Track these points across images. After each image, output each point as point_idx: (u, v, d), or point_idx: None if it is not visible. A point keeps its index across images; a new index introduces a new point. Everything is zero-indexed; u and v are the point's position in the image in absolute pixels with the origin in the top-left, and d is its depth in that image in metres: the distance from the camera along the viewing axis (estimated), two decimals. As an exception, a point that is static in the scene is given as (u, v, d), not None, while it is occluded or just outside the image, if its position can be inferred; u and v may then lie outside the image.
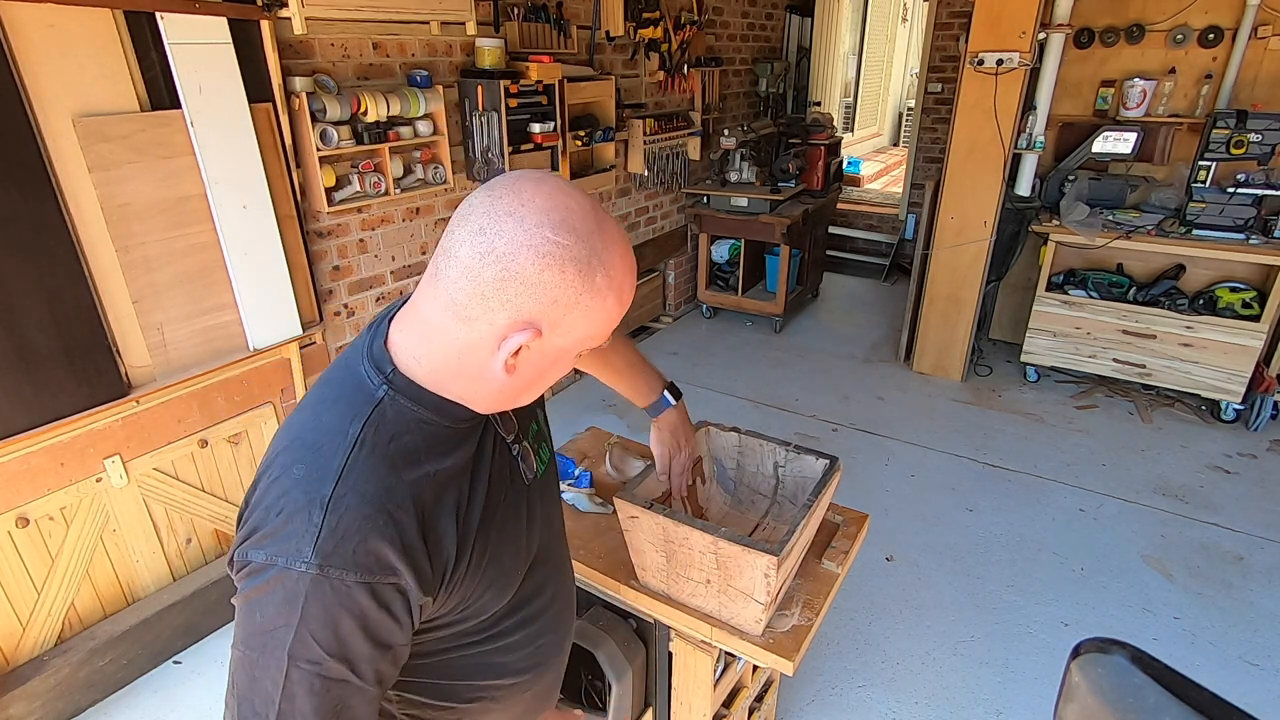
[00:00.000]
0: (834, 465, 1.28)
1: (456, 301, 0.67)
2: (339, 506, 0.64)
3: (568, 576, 1.01)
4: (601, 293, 0.68)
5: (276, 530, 0.65)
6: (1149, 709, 0.40)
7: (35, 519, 1.92)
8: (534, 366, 0.72)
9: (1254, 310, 3.36)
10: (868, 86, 9.30)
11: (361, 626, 0.66)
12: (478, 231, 0.65)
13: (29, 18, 1.70)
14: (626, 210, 4.23)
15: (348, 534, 0.64)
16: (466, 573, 0.74)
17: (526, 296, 0.65)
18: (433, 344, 0.71)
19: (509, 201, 0.65)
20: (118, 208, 1.93)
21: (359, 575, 0.64)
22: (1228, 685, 2.09)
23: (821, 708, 2.05)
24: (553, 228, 0.64)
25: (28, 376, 1.82)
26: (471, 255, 0.65)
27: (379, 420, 0.69)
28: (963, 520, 2.83)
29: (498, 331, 0.67)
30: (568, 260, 0.65)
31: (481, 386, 0.72)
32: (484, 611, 0.80)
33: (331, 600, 0.64)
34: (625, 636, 1.42)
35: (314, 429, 0.70)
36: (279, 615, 0.64)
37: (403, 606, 0.68)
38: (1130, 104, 3.70)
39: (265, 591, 0.64)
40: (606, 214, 0.70)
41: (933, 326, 3.97)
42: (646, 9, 3.79)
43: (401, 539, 0.66)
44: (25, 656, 1.97)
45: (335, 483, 0.65)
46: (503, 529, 0.80)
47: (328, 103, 2.30)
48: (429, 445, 0.72)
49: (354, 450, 0.67)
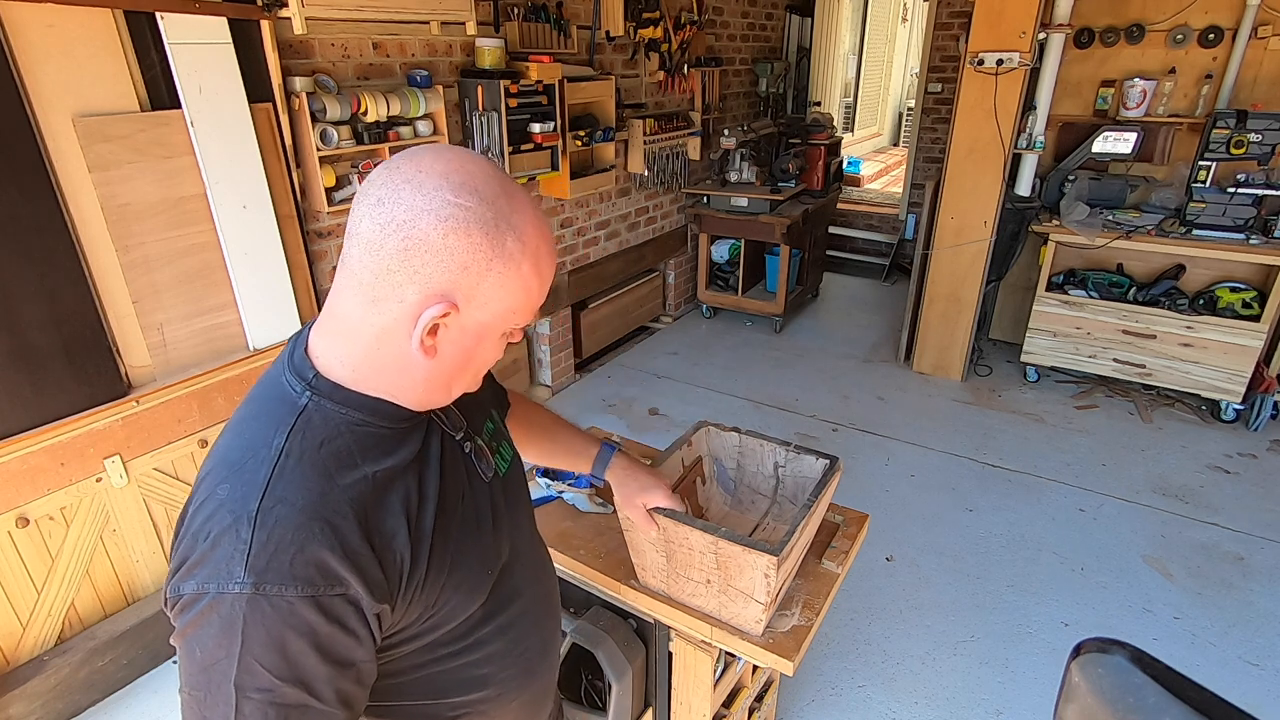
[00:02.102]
0: (834, 465, 1.28)
1: (364, 283, 0.64)
2: (268, 519, 0.60)
3: (546, 578, 0.97)
4: (514, 258, 0.65)
5: (205, 556, 0.60)
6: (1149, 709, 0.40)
7: (35, 519, 1.92)
8: (456, 346, 0.68)
9: (1254, 310, 3.36)
10: (868, 86, 9.30)
11: (313, 644, 0.61)
12: (376, 203, 0.62)
13: (29, 18, 1.70)
14: (627, 210, 4.23)
15: (281, 546, 0.60)
16: (427, 575, 0.70)
17: (433, 266, 0.62)
18: (351, 340, 0.68)
19: (407, 170, 0.63)
20: (118, 208, 1.93)
21: (300, 589, 0.60)
22: (1228, 685, 2.09)
23: (821, 708, 2.05)
24: (453, 190, 0.62)
25: (28, 376, 1.82)
26: (372, 228, 0.62)
27: (305, 428, 0.66)
28: (963, 520, 2.83)
29: (410, 310, 0.64)
30: (472, 223, 0.62)
31: (407, 377, 0.69)
32: (453, 618, 0.76)
33: (273, 620, 0.59)
34: (625, 636, 1.42)
35: (237, 447, 0.66)
36: (218, 646, 0.59)
37: (357, 619, 0.64)
38: (1130, 104, 3.70)
39: (201, 624, 0.60)
40: (515, 182, 0.68)
41: (933, 326, 3.97)
42: (646, 9, 3.79)
43: (343, 545, 0.62)
44: (25, 656, 1.97)
45: (262, 496, 0.61)
46: (464, 529, 0.76)
47: (328, 103, 2.30)
48: (364, 447, 0.68)
49: (279, 461, 0.64)
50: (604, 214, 4.04)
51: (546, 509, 1.53)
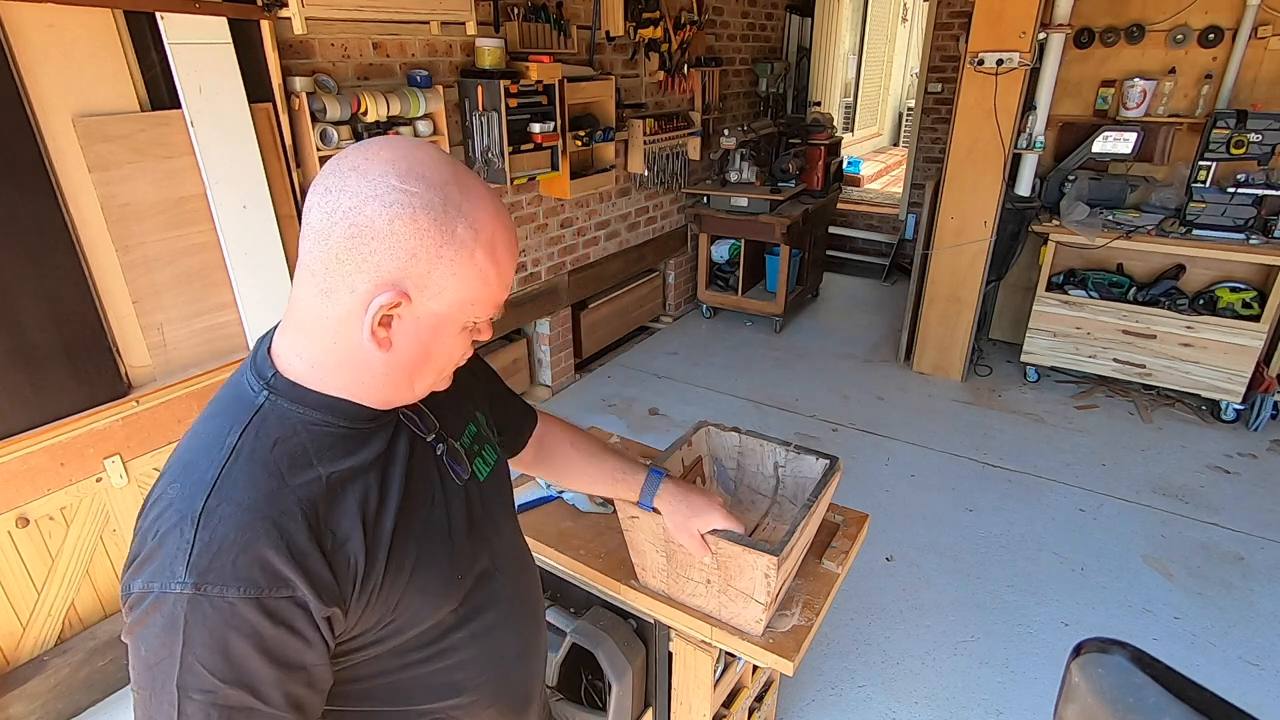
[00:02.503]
0: (834, 465, 1.28)
1: (315, 274, 0.64)
2: (212, 519, 0.60)
3: (528, 584, 0.94)
4: (466, 245, 0.64)
5: (152, 554, 0.61)
6: (1149, 709, 0.40)
7: (35, 519, 1.92)
8: (411, 339, 0.67)
9: (1254, 310, 3.36)
10: (868, 86, 9.30)
11: (257, 646, 0.61)
12: (324, 192, 0.62)
13: (29, 18, 1.70)
14: (627, 210, 4.23)
15: (224, 547, 0.60)
16: (384, 579, 0.69)
17: (381, 253, 0.62)
18: (309, 334, 0.67)
19: (354, 158, 0.63)
20: (118, 208, 1.93)
21: (243, 590, 0.59)
22: (1228, 685, 2.09)
23: (821, 708, 2.05)
24: (399, 176, 0.62)
25: (28, 376, 1.82)
26: (319, 217, 0.62)
27: (259, 426, 0.66)
28: (963, 520, 2.83)
29: (360, 300, 0.63)
30: (419, 208, 0.61)
31: (365, 372, 0.68)
32: (418, 623, 0.75)
33: (215, 620, 0.59)
34: (625, 636, 1.42)
35: (192, 446, 0.67)
36: (162, 645, 0.59)
37: (305, 621, 0.63)
38: (1130, 104, 3.70)
39: (146, 623, 0.60)
40: (468, 170, 0.67)
41: (933, 326, 3.97)
42: (646, 9, 3.79)
43: (290, 546, 0.62)
44: (25, 656, 1.97)
45: (207, 495, 0.61)
46: (430, 533, 0.75)
47: (328, 103, 2.30)
48: (320, 447, 0.67)
49: (229, 460, 0.63)
50: (604, 214, 4.04)
51: (546, 509, 1.53)
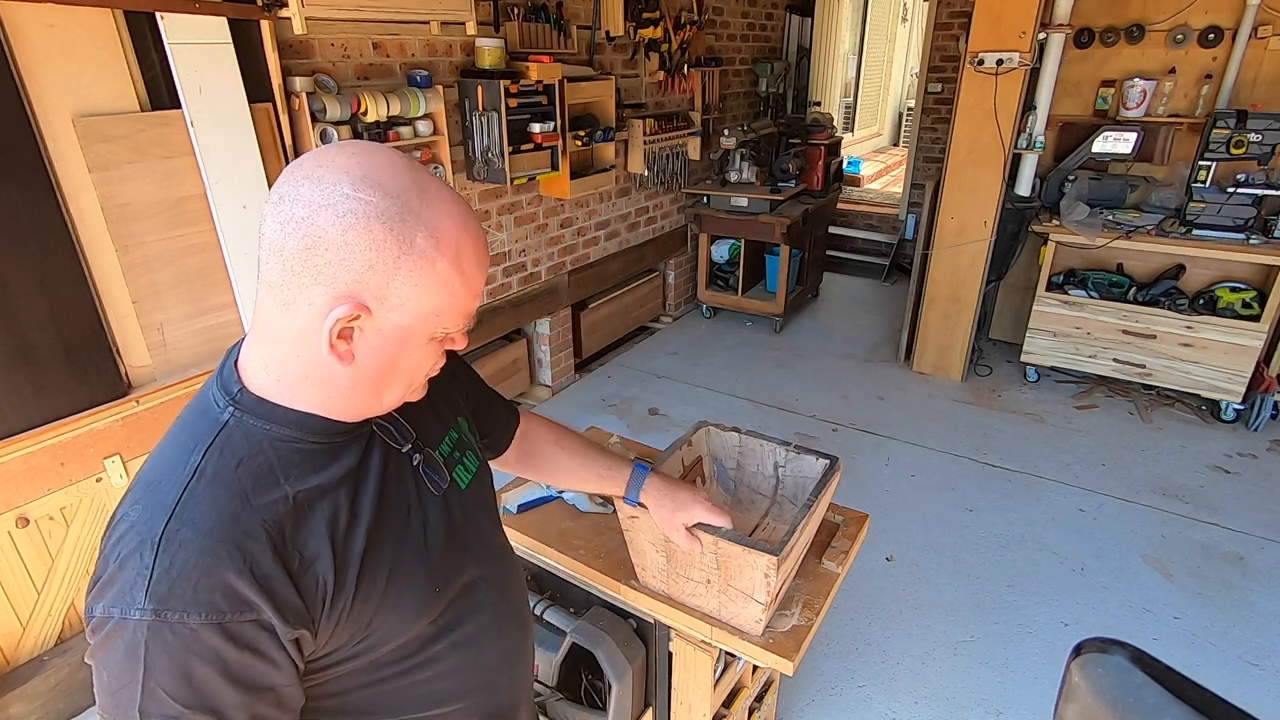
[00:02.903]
0: (834, 465, 1.28)
1: (273, 286, 0.62)
2: (172, 544, 0.59)
3: (513, 591, 0.92)
4: (426, 255, 0.61)
5: (113, 578, 0.60)
6: (1149, 709, 0.40)
7: (35, 519, 1.92)
8: (375, 351, 0.65)
9: (1254, 310, 3.36)
10: (868, 86, 9.30)
11: (221, 671, 0.60)
12: (277, 201, 0.60)
13: (29, 18, 1.70)
14: (626, 210, 4.23)
15: (184, 572, 0.58)
16: (355, 597, 0.68)
17: (337, 265, 0.59)
18: (273, 346, 0.65)
19: (308, 166, 0.61)
20: (118, 208, 1.93)
21: (205, 616, 0.58)
22: (1228, 685, 2.09)
23: (821, 708, 2.05)
24: (353, 184, 0.59)
25: (28, 376, 1.82)
26: (273, 227, 0.60)
27: (224, 445, 0.64)
28: (963, 520, 2.83)
29: (319, 313, 0.61)
30: (373, 217, 0.59)
31: (331, 386, 0.66)
32: (395, 636, 0.73)
33: (176, 646, 0.58)
34: (625, 636, 1.42)
35: (157, 464, 0.65)
36: (124, 672, 0.59)
37: (271, 643, 0.62)
38: (1130, 104, 3.70)
39: (108, 648, 0.59)
40: (430, 175, 0.65)
41: (933, 326, 3.97)
42: (646, 9, 3.79)
43: (253, 570, 0.60)
44: (25, 656, 1.97)
45: (168, 519, 0.60)
46: (405, 546, 0.73)
47: (328, 103, 2.30)
48: (288, 465, 0.66)
49: (191, 481, 0.62)
50: (604, 214, 4.04)
51: (546, 509, 1.53)
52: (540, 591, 1.56)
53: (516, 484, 1.60)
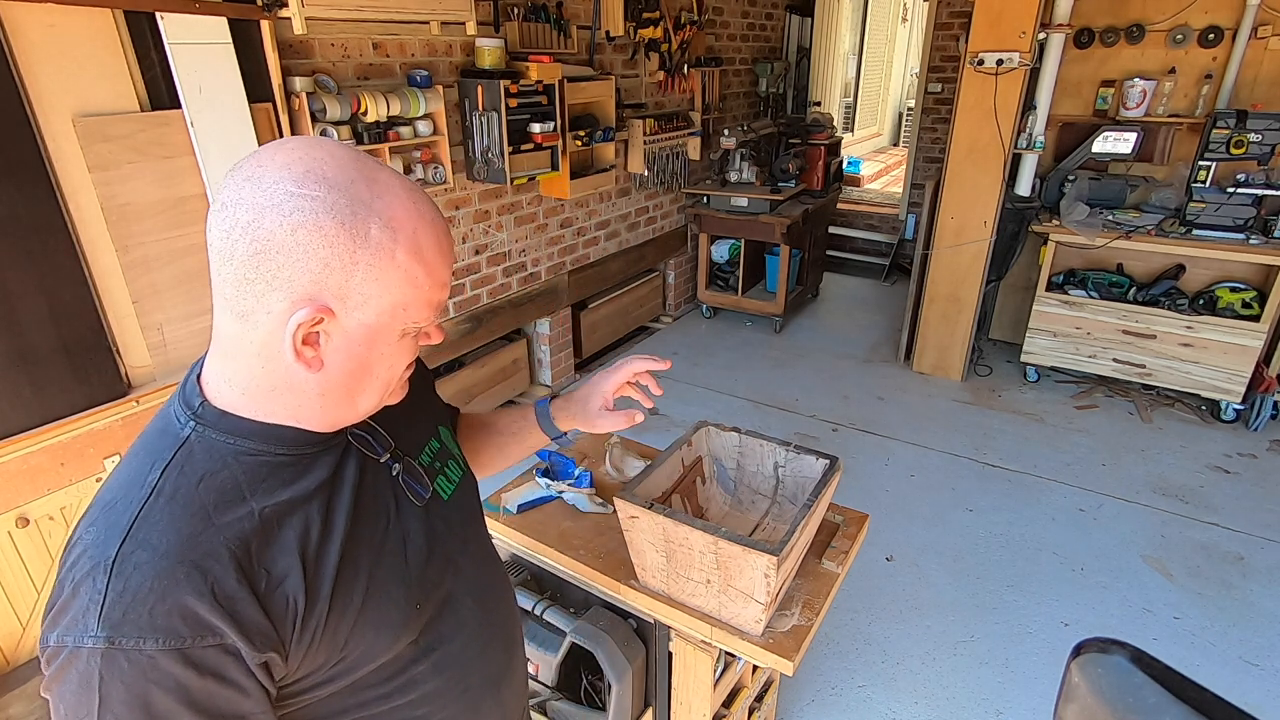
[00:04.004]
0: (834, 465, 1.28)
1: (228, 297, 0.59)
2: (125, 567, 0.55)
3: (499, 607, 0.88)
4: (383, 247, 0.59)
5: (66, 605, 0.56)
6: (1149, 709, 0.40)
7: (35, 519, 1.92)
8: (344, 355, 0.62)
9: (1254, 310, 3.36)
10: (868, 86, 9.30)
11: (183, 700, 0.56)
12: (220, 208, 0.57)
13: (29, 18, 1.70)
14: (627, 210, 4.23)
15: (139, 596, 0.55)
16: (329, 616, 0.64)
17: (290, 268, 0.57)
18: (234, 359, 0.62)
19: (248, 168, 0.58)
20: (118, 208, 1.93)
21: (161, 642, 0.55)
22: (1228, 685, 2.09)
23: (821, 708, 2.05)
24: (295, 180, 0.56)
25: (28, 376, 1.82)
26: (219, 236, 0.57)
27: (184, 461, 0.61)
28: (963, 520, 2.83)
29: (279, 320, 0.59)
30: (322, 213, 0.56)
31: (300, 395, 0.63)
32: (372, 659, 0.69)
33: (132, 676, 0.54)
34: (625, 636, 1.42)
35: (114, 484, 0.62)
36: (79, 703, 0.55)
37: (238, 669, 0.58)
38: (1130, 104, 3.70)
39: (61, 679, 0.56)
40: (378, 163, 0.62)
41: (933, 326, 3.97)
42: (646, 9, 3.79)
43: (214, 591, 0.57)
44: (25, 656, 1.97)
45: (122, 540, 0.56)
46: (383, 561, 0.70)
47: (328, 103, 2.30)
48: (254, 479, 0.62)
49: (149, 501, 0.59)
50: (604, 214, 4.04)
51: (546, 509, 1.53)
52: (540, 591, 1.56)
53: (516, 484, 1.60)
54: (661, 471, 1.31)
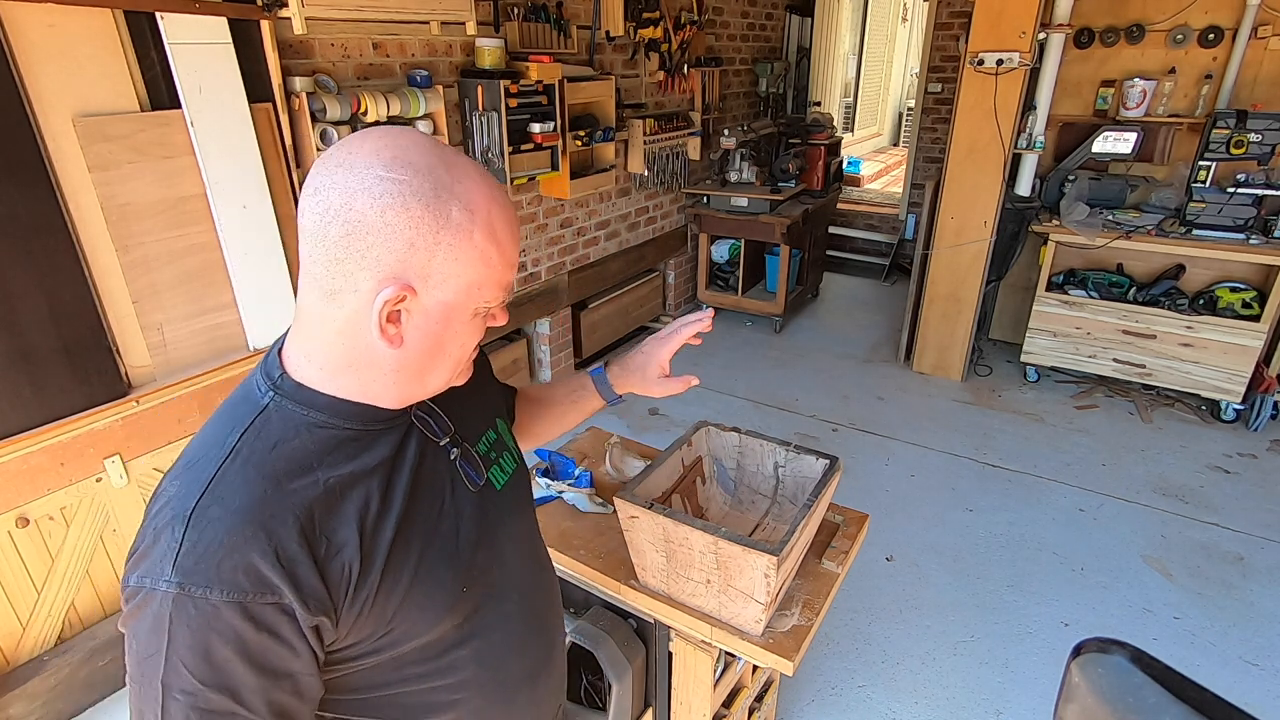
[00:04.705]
0: (834, 465, 1.28)
1: (317, 277, 0.63)
2: (201, 521, 0.60)
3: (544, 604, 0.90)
4: (462, 228, 0.63)
5: (147, 550, 0.61)
6: (1149, 709, 0.40)
7: (35, 519, 1.92)
8: (422, 332, 0.66)
9: (1254, 310, 3.36)
10: (868, 86, 9.30)
11: (239, 652, 0.60)
12: (313, 192, 0.62)
13: (29, 18, 1.70)
14: (627, 210, 4.23)
15: (210, 549, 0.59)
16: (380, 589, 0.67)
17: (379, 247, 0.60)
18: (315, 337, 0.66)
19: (339, 155, 0.62)
20: (118, 208, 1.93)
21: (226, 594, 0.59)
22: (1228, 685, 2.09)
23: (821, 708, 2.05)
24: (384, 166, 0.60)
25: (28, 376, 1.82)
26: (312, 219, 0.61)
27: (261, 427, 0.65)
28: (963, 520, 2.83)
29: (366, 299, 0.62)
30: (408, 195, 0.60)
31: (376, 371, 0.67)
32: (416, 635, 0.72)
33: (197, 622, 0.59)
34: (625, 636, 1.42)
35: (197, 444, 0.67)
36: (150, 642, 0.60)
37: (292, 629, 0.62)
38: (1130, 104, 3.70)
39: (137, 617, 0.61)
40: (455, 151, 0.66)
41: (933, 326, 3.97)
42: (646, 9, 3.79)
43: (278, 552, 0.61)
44: (25, 656, 1.97)
45: (200, 496, 0.61)
46: (434, 542, 0.72)
47: (328, 103, 2.30)
48: (323, 450, 0.66)
49: (226, 461, 0.63)
50: (604, 214, 4.03)
51: (546, 509, 1.53)
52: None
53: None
54: (661, 471, 1.31)
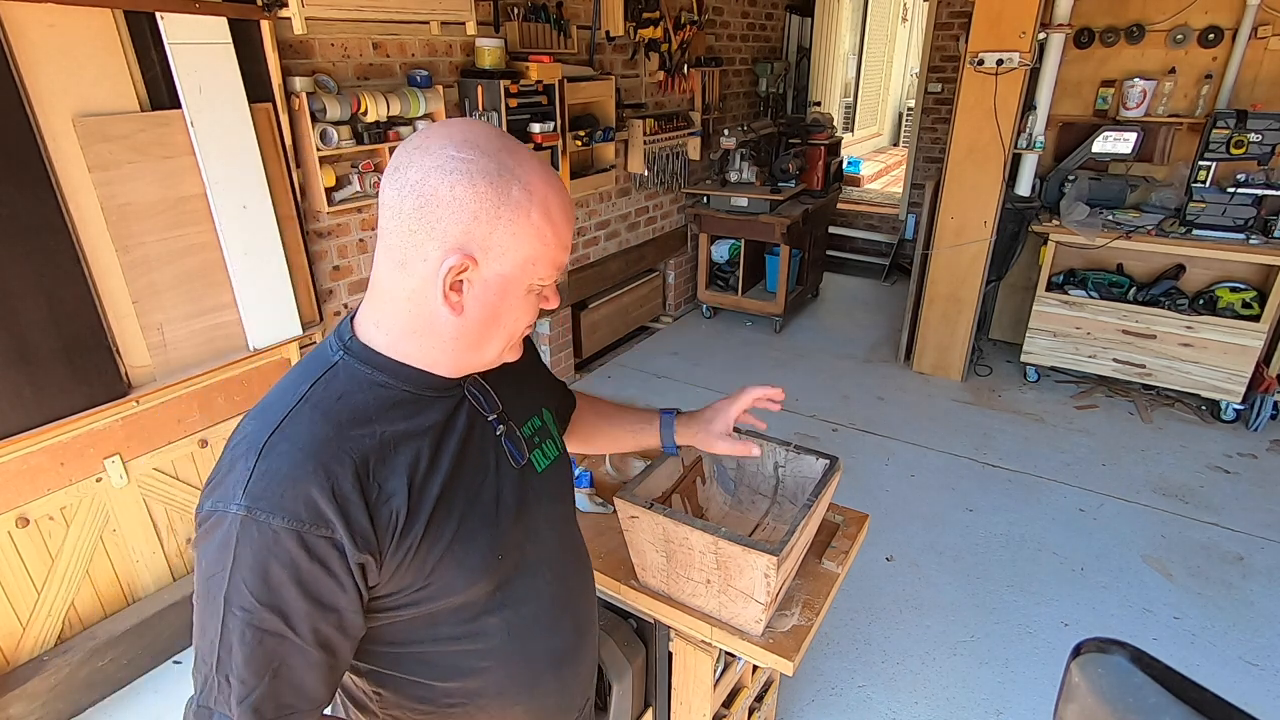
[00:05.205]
0: (834, 465, 1.28)
1: (392, 248, 0.70)
2: (272, 453, 0.66)
3: (577, 590, 0.94)
4: (522, 206, 0.69)
5: (223, 479, 0.67)
6: (1149, 709, 0.40)
7: (35, 519, 1.92)
8: (481, 303, 0.72)
9: (1254, 310, 3.36)
10: (868, 86, 9.30)
11: (293, 577, 0.65)
12: (393, 171, 0.69)
13: (29, 18, 1.70)
14: (627, 210, 4.23)
15: (276, 478, 0.65)
16: (422, 541, 0.72)
17: (447, 219, 0.67)
18: (385, 305, 0.73)
19: (417, 139, 0.70)
20: (118, 208, 1.93)
21: (286, 520, 0.64)
22: (1228, 685, 2.09)
23: (821, 708, 2.05)
24: (456, 146, 0.67)
25: (28, 376, 1.82)
26: (391, 194, 0.68)
27: (329, 381, 0.72)
28: (963, 520, 2.83)
29: (433, 268, 0.69)
30: (476, 173, 0.67)
31: (437, 339, 0.73)
32: (454, 592, 0.77)
33: (259, 543, 0.64)
34: (625, 636, 1.42)
35: (272, 393, 0.74)
36: (216, 560, 0.65)
37: (340, 564, 0.67)
38: (1130, 104, 3.70)
39: (207, 537, 0.66)
40: (517, 141, 0.73)
41: (933, 326, 3.97)
42: (646, 9, 3.79)
43: (334, 489, 0.66)
44: (25, 656, 1.97)
45: (272, 432, 0.68)
46: (473, 509, 0.77)
47: (328, 103, 2.30)
48: (382, 407, 0.72)
49: (297, 405, 0.70)
50: (604, 214, 4.03)
51: (546, 509, 1.53)
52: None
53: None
54: (661, 471, 1.31)
